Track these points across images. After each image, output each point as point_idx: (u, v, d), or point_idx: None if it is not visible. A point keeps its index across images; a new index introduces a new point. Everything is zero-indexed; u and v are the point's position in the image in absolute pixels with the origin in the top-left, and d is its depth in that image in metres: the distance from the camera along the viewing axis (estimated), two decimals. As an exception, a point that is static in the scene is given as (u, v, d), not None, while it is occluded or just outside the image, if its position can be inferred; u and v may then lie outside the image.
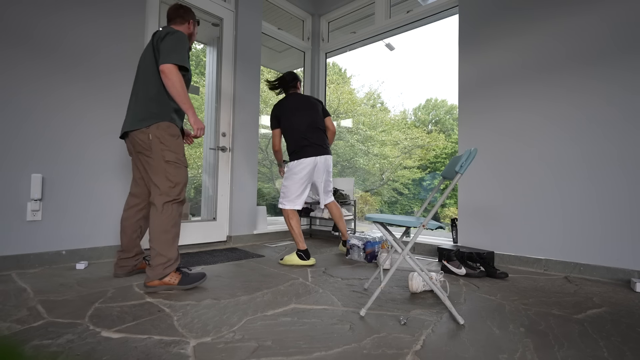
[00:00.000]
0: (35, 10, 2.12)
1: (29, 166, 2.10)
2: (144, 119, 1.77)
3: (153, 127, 1.76)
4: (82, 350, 1.08)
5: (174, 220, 1.78)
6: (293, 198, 2.51)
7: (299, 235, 2.48)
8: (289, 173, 2.54)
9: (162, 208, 1.74)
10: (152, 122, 1.76)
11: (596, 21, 2.26)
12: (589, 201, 2.26)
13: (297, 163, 2.49)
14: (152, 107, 1.78)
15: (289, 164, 2.55)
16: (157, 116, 1.77)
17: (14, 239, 2.05)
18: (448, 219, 4.33)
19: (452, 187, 1.37)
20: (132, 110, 1.83)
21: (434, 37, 26.66)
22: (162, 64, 1.70)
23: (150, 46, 1.81)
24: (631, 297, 1.80)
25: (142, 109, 1.79)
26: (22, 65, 2.08)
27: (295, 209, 2.53)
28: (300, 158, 2.48)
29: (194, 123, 1.81)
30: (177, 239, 1.79)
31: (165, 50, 1.72)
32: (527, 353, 1.13)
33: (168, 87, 1.73)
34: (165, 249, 1.73)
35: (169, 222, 1.75)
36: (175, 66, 1.72)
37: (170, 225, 1.75)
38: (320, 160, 2.53)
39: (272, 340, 1.18)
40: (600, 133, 2.24)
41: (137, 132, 1.79)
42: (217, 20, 3.25)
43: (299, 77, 2.71)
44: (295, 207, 2.52)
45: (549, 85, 2.44)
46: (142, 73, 1.84)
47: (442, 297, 1.45)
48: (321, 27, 4.29)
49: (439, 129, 16.26)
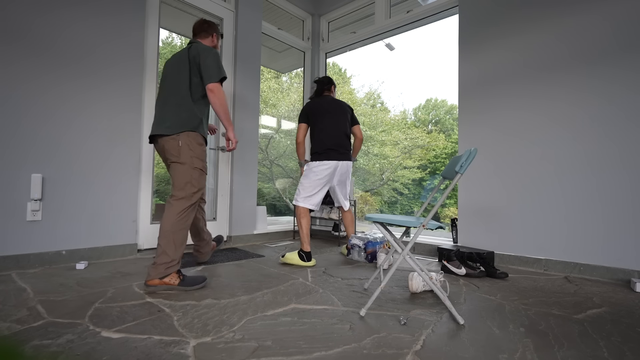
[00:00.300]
0: (34, 8, 2.12)
1: (28, 166, 2.10)
2: (174, 127, 1.85)
3: (183, 134, 1.84)
4: (82, 350, 1.08)
5: (187, 224, 1.86)
6: (307, 196, 2.54)
7: (306, 235, 2.49)
8: (308, 171, 2.58)
9: (180, 210, 1.82)
10: (182, 130, 1.84)
11: (598, 20, 2.26)
12: (588, 201, 2.26)
13: (318, 163, 2.54)
14: (183, 116, 1.86)
15: (310, 163, 2.59)
16: (187, 125, 1.85)
17: (14, 239, 2.04)
18: (448, 219, 4.33)
19: (452, 187, 1.37)
20: (161, 116, 1.90)
21: (434, 37, 26.66)
22: (208, 83, 1.83)
23: (186, 59, 1.88)
24: (631, 297, 1.80)
25: (173, 116, 1.86)
26: (18, 64, 2.08)
27: (307, 208, 2.54)
28: (323, 160, 2.53)
29: (233, 137, 1.98)
30: (184, 242, 1.84)
31: (208, 69, 1.84)
32: (527, 353, 1.13)
33: (214, 103, 1.86)
34: (172, 250, 1.77)
35: (182, 225, 1.83)
36: (220, 83, 1.85)
37: (182, 227, 1.82)
38: (342, 165, 2.59)
39: (272, 340, 1.18)
40: (601, 133, 2.24)
41: (167, 139, 1.86)
42: (217, 20, 3.24)
43: (334, 82, 2.85)
44: (307, 205, 2.53)
45: (549, 85, 2.44)
46: (173, 82, 1.91)
47: (442, 297, 1.45)
48: (321, 27, 4.29)
49: (439, 129, 16.26)
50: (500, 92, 2.66)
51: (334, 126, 2.60)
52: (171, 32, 8.45)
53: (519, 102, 2.56)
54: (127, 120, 2.52)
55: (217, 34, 2.14)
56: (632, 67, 2.14)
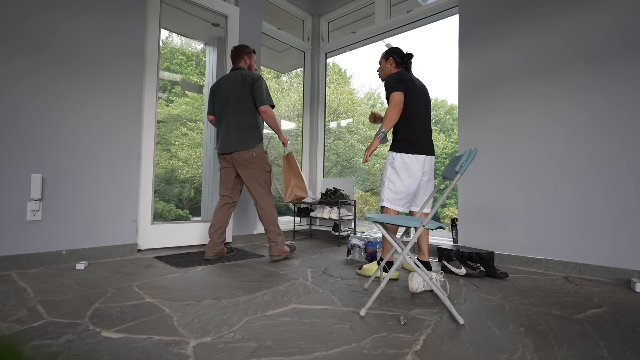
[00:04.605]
0: (31, 5, 2.12)
1: (28, 166, 2.10)
2: (247, 142, 2.40)
3: (256, 147, 2.42)
4: (82, 350, 1.08)
5: (275, 211, 2.52)
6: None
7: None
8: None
9: (268, 204, 2.47)
10: (255, 144, 2.42)
11: (599, 19, 2.26)
12: (589, 201, 2.26)
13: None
14: (253, 133, 2.43)
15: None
16: (257, 139, 2.45)
17: (14, 239, 2.04)
18: (448, 219, 4.33)
19: (452, 187, 1.37)
20: (233, 135, 2.41)
21: (434, 37, 26.63)
22: (261, 105, 2.39)
23: (244, 85, 2.40)
24: (631, 297, 1.79)
25: (245, 134, 2.41)
26: (16, 61, 2.08)
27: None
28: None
29: (285, 140, 2.62)
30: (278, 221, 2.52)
31: (260, 95, 2.39)
32: (527, 353, 1.13)
33: (267, 121, 2.46)
34: (279, 230, 2.49)
35: (275, 213, 2.50)
36: (270, 106, 2.42)
37: (276, 215, 2.51)
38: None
39: (272, 340, 1.18)
40: (601, 133, 2.24)
41: (243, 152, 2.39)
42: (217, 20, 3.24)
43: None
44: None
45: (550, 85, 2.44)
46: (237, 105, 2.42)
47: (442, 297, 1.45)
48: (321, 27, 4.28)
49: (439, 129, 16.26)
50: (500, 92, 2.66)
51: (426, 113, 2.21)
52: (171, 32, 8.45)
53: (519, 102, 2.56)
54: (127, 120, 2.52)
55: (246, 54, 2.56)
56: (635, 66, 2.13)
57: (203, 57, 8.64)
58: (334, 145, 12.95)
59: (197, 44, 9.53)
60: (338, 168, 12.99)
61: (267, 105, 2.39)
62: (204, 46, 3.55)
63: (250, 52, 2.59)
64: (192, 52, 9.59)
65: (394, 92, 2.06)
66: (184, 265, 2.27)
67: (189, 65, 9.69)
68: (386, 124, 2.04)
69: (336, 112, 13.28)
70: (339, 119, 13.51)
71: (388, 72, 2.28)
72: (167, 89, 8.83)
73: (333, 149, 12.83)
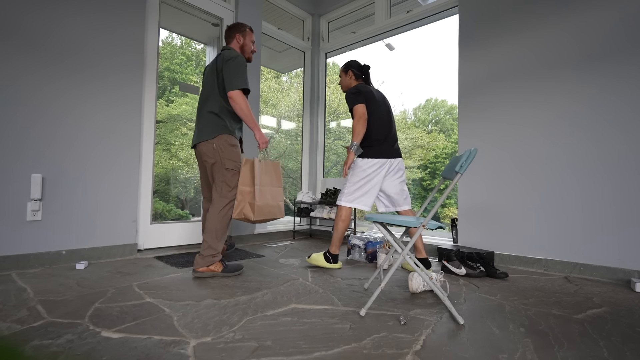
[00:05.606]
0: (29, 2, 2.12)
1: (28, 166, 2.10)
2: (208, 132, 2.04)
3: (217, 139, 2.03)
4: (82, 350, 1.08)
5: (227, 220, 2.07)
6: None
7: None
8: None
9: (221, 209, 2.03)
10: (215, 135, 2.03)
11: (601, 16, 2.26)
12: (589, 201, 2.26)
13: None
14: (216, 121, 2.05)
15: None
16: (220, 129, 2.04)
17: (14, 239, 2.04)
18: (448, 219, 4.33)
19: (452, 187, 1.37)
20: (199, 124, 2.11)
21: (434, 37, 26.65)
22: (229, 90, 1.97)
23: (214, 67, 2.05)
24: (631, 297, 1.79)
25: (207, 123, 2.06)
26: (15, 59, 2.08)
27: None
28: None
29: (259, 138, 2.10)
30: (225, 235, 2.07)
31: (229, 77, 1.98)
32: (527, 353, 1.13)
33: (236, 110, 2.01)
34: (215, 243, 2.01)
35: (224, 222, 2.05)
36: (240, 91, 1.98)
37: (224, 224, 2.05)
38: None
39: (272, 340, 1.18)
40: (602, 133, 2.24)
41: (203, 144, 2.05)
42: (217, 20, 3.24)
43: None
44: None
45: (550, 84, 2.44)
46: (206, 91, 2.11)
47: (442, 297, 1.45)
48: (321, 27, 4.28)
49: (439, 129, 16.27)
50: (501, 91, 2.66)
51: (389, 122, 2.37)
52: (171, 32, 8.44)
53: (519, 102, 2.56)
54: (127, 120, 2.52)
55: (239, 32, 2.20)
56: (637, 64, 2.13)
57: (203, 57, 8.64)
58: (334, 145, 12.95)
59: (197, 44, 9.52)
60: (338, 168, 12.99)
61: (237, 90, 1.96)
62: (203, 46, 3.55)
63: (245, 30, 2.21)
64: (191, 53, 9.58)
65: (356, 105, 2.23)
66: (184, 265, 2.27)
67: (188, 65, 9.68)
68: (356, 137, 2.21)
69: (336, 112, 13.27)
70: (339, 119, 13.51)
71: (348, 85, 2.46)
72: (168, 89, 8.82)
73: (332, 149, 12.83)
